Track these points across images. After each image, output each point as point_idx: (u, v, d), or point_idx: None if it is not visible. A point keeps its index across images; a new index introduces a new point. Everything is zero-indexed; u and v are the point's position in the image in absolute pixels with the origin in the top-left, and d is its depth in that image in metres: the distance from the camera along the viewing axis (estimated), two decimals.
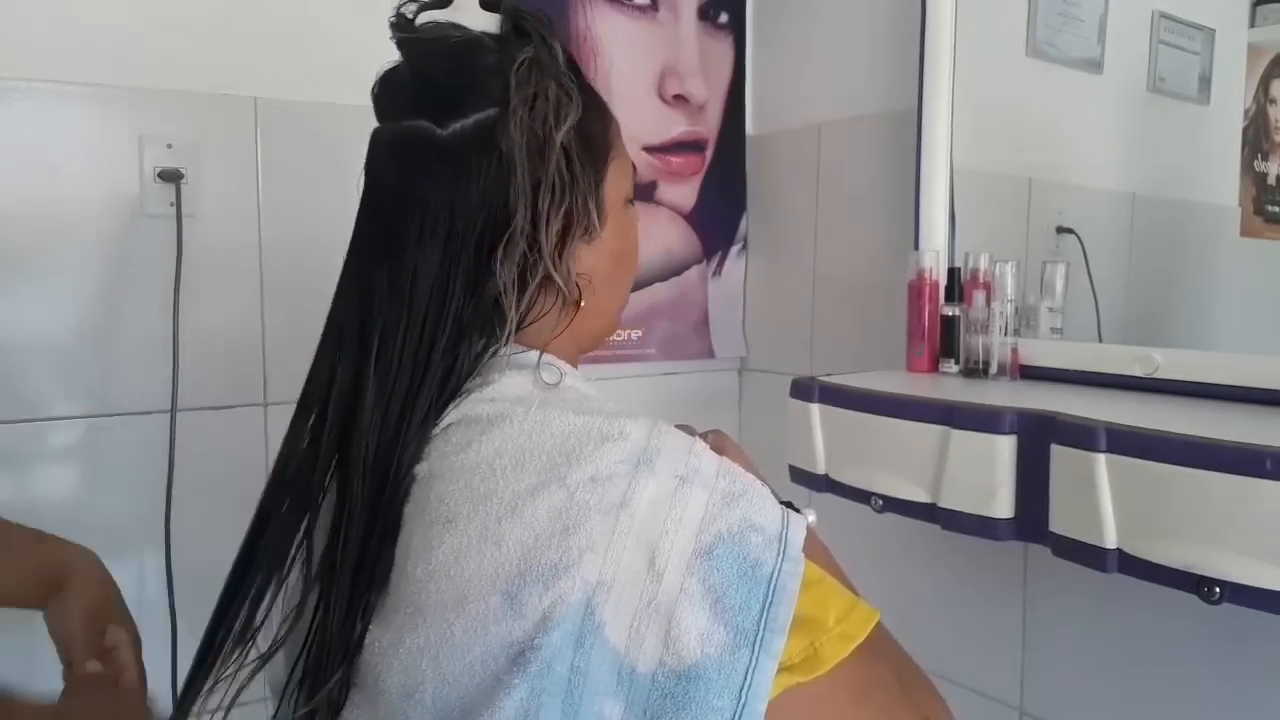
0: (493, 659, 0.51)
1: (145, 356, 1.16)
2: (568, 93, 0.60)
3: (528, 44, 0.61)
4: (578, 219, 0.61)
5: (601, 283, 0.66)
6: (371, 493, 0.58)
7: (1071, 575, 0.85)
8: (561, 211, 0.60)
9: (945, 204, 1.21)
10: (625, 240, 0.69)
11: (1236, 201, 1.08)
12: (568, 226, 0.61)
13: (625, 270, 0.70)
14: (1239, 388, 0.90)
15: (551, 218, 0.60)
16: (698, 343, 1.61)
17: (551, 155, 0.59)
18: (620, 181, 0.68)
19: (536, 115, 0.59)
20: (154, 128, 1.17)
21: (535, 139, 0.59)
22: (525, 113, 0.59)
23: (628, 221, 0.69)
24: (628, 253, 0.70)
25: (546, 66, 0.60)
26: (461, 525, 0.54)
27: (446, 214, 0.59)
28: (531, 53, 0.60)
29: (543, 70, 0.60)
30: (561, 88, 0.60)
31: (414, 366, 0.59)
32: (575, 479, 0.54)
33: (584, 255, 0.64)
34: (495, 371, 0.60)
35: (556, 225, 0.60)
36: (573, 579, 0.51)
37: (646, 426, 0.57)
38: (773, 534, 0.55)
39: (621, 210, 0.68)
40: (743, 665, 0.51)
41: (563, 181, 0.60)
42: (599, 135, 0.65)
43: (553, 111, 0.59)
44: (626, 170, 0.69)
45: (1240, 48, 1.10)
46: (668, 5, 1.53)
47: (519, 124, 0.59)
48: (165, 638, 1.14)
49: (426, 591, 0.53)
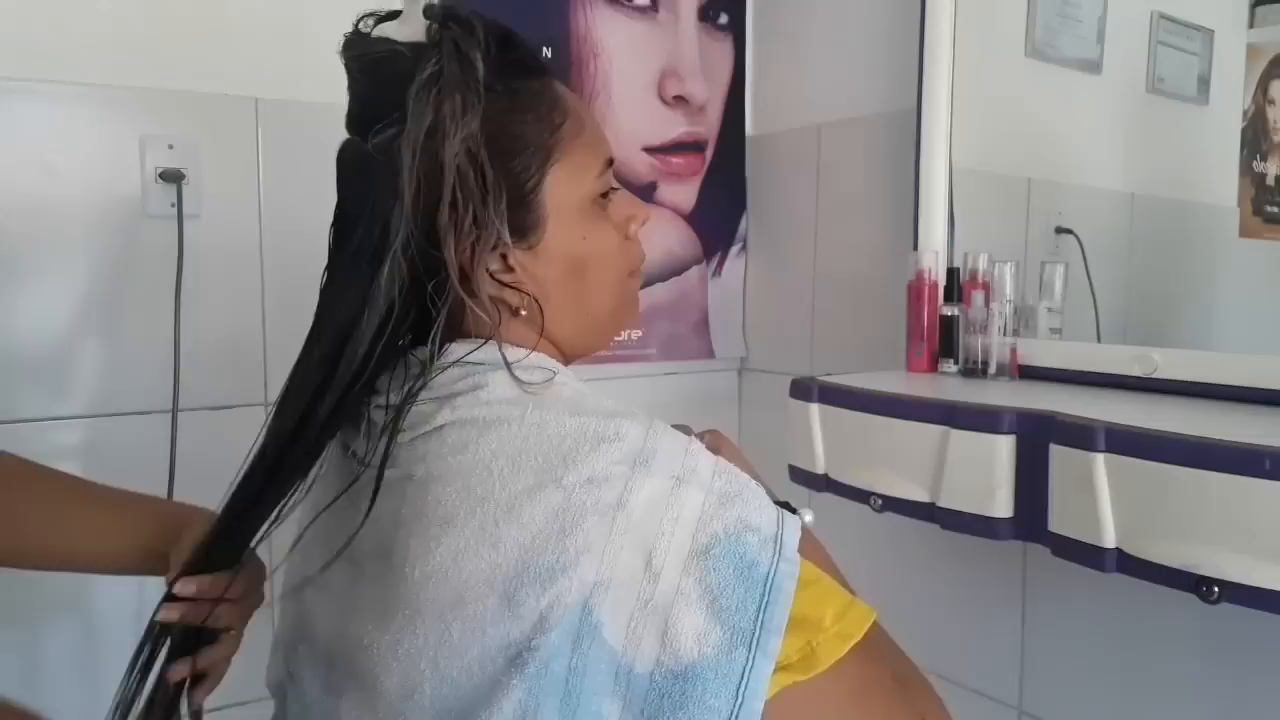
0: (490, 660, 0.51)
1: (146, 356, 1.16)
2: (467, 105, 0.59)
3: (435, 56, 0.59)
4: (485, 234, 0.60)
5: (557, 290, 0.64)
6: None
7: (1070, 575, 0.85)
8: (464, 228, 0.59)
9: (944, 204, 1.21)
10: (586, 245, 0.65)
11: (1235, 202, 1.09)
12: (475, 241, 0.60)
13: (593, 276, 0.66)
14: (1238, 387, 0.90)
15: (449, 235, 0.59)
16: (698, 343, 1.61)
17: (448, 173, 0.58)
18: (574, 184, 0.64)
19: (434, 133, 0.58)
20: (155, 128, 1.17)
21: (432, 157, 0.58)
22: (420, 131, 0.58)
23: (593, 223, 0.65)
24: (593, 258, 0.65)
25: (449, 79, 0.58)
26: (459, 527, 0.54)
27: (350, 223, 0.61)
28: (434, 67, 0.58)
29: (444, 83, 0.58)
30: (464, 101, 0.58)
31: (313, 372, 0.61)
32: (572, 480, 0.54)
33: (527, 263, 0.62)
34: (487, 375, 0.60)
35: (466, 242, 0.59)
36: (570, 580, 0.51)
37: (643, 427, 0.57)
38: (768, 534, 0.55)
39: (580, 213, 0.64)
40: (739, 665, 0.51)
41: (463, 196, 0.59)
42: (532, 138, 0.62)
43: (449, 127, 0.58)
44: (587, 169, 0.65)
45: (1239, 48, 1.10)
46: (668, 6, 1.53)
47: (412, 143, 0.58)
48: None
49: (424, 593, 0.53)
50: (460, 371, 0.60)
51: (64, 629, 1.14)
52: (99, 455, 1.15)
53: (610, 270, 0.67)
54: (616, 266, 0.68)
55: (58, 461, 1.14)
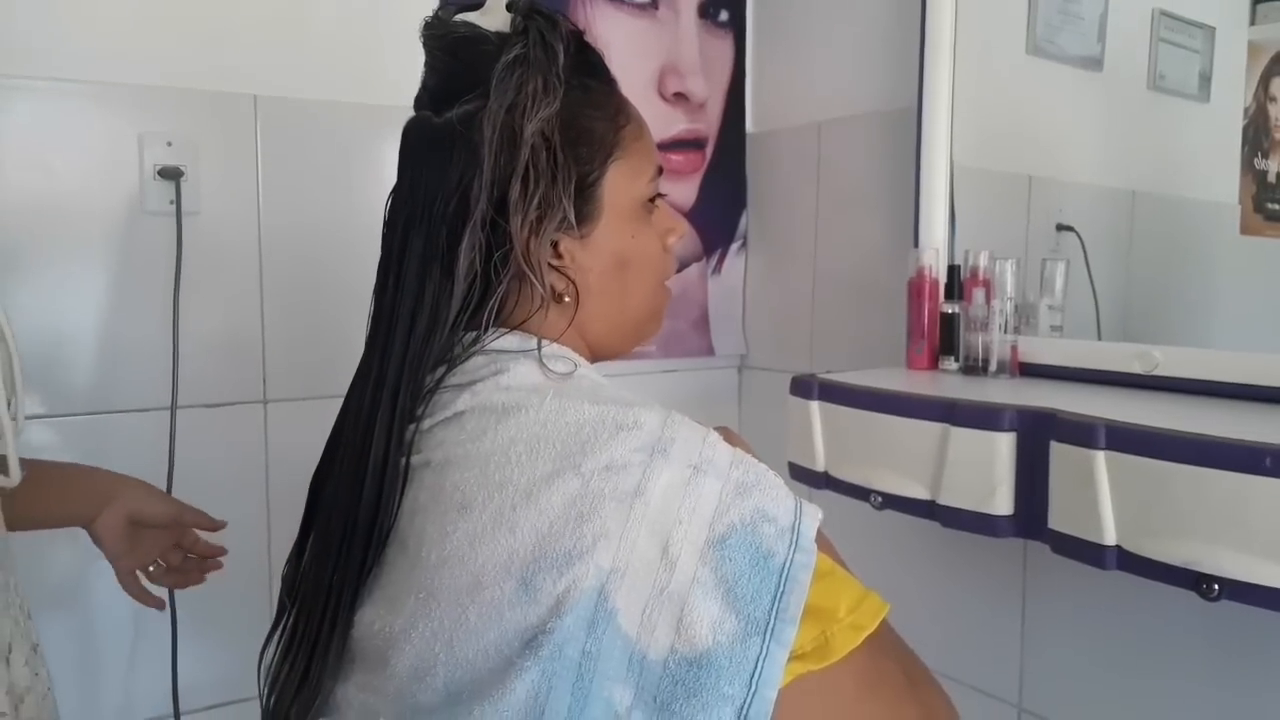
0: (506, 643, 0.52)
1: (145, 354, 1.16)
2: (548, 88, 0.61)
3: (522, 40, 0.61)
4: (551, 212, 0.62)
5: (600, 282, 0.65)
6: (350, 472, 0.60)
7: (1070, 572, 0.85)
8: (533, 203, 0.61)
9: (945, 202, 1.21)
10: (634, 244, 0.67)
11: (1236, 199, 1.08)
12: (541, 219, 0.61)
13: (635, 274, 0.68)
14: (1238, 385, 0.90)
15: (519, 208, 0.60)
16: (698, 340, 1.61)
17: (524, 147, 0.60)
18: (629, 183, 0.66)
19: (516, 109, 0.60)
20: (154, 125, 1.17)
21: (511, 132, 0.60)
22: (501, 107, 0.60)
23: (639, 226, 0.68)
24: (637, 258, 0.68)
25: (534, 62, 0.61)
26: (476, 512, 0.54)
27: (429, 198, 0.61)
28: (520, 50, 0.61)
29: (529, 66, 0.61)
30: (545, 84, 0.61)
31: (396, 350, 0.61)
32: (590, 467, 0.54)
33: (576, 252, 0.64)
34: (510, 361, 0.61)
35: (531, 216, 0.61)
36: (586, 565, 0.52)
37: (661, 416, 0.58)
38: (785, 525, 0.56)
39: (631, 213, 0.67)
40: (754, 654, 0.52)
41: (535, 173, 0.60)
42: (599, 134, 0.65)
43: (530, 105, 0.60)
44: (642, 173, 0.67)
45: (1240, 46, 1.10)
46: (668, 3, 1.53)
47: (493, 118, 0.59)
48: (165, 638, 1.14)
49: (440, 577, 0.54)
50: (485, 358, 0.61)
51: (64, 628, 1.14)
52: (97, 452, 1.15)
53: (651, 273, 0.70)
54: (656, 271, 0.71)
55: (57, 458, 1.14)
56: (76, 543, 1.13)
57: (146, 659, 1.18)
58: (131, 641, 1.18)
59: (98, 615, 1.16)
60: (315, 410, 1.32)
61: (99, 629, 1.16)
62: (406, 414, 0.60)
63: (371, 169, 1.26)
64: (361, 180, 1.26)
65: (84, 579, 1.14)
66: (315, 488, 0.67)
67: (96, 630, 1.16)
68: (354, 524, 0.59)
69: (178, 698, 1.16)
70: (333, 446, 0.65)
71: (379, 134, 1.22)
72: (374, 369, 0.61)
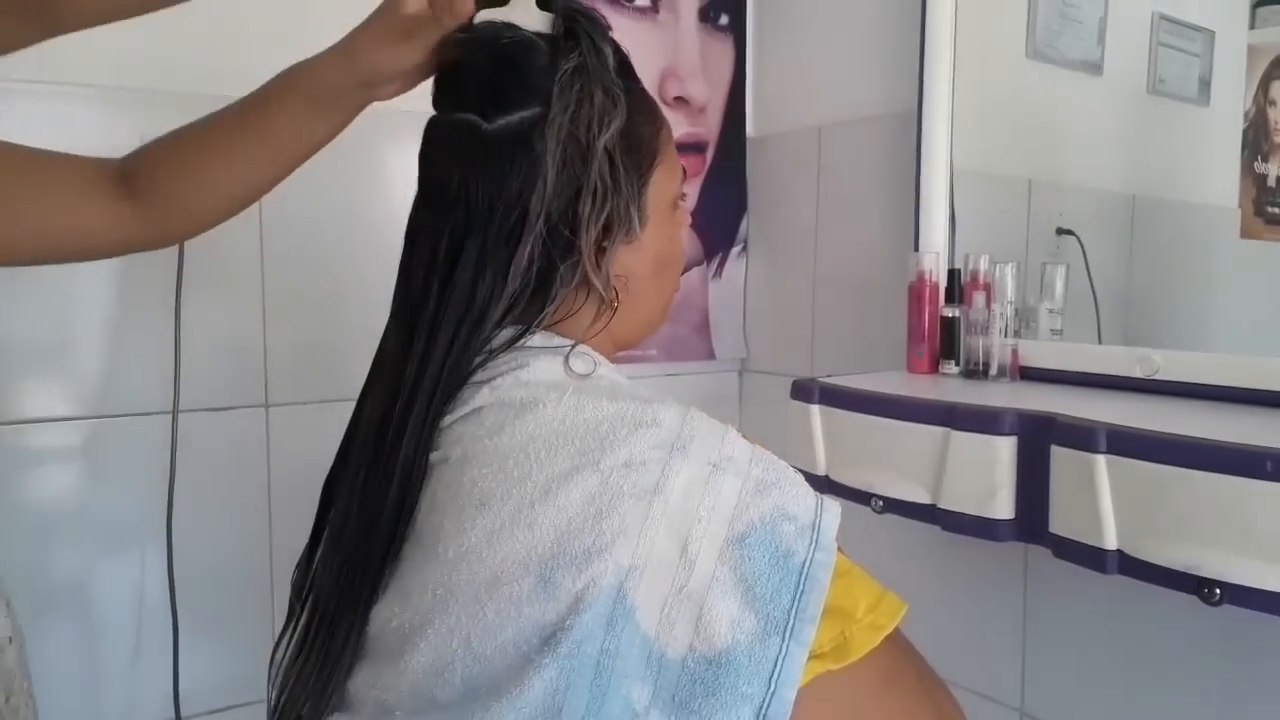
0: (525, 640, 0.52)
1: (147, 357, 1.16)
2: (613, 99, 0.61)
3: (576, 47, 0.61)
4: (619, 223, 0.62)
5: (640, 284, 0.66)
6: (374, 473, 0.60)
7: (1072, 576, 0.85)
8: (603, 216, 0.61)
9: (945, 205, 1.21)
10: (669, 244, 0.69)
11: (1236, 203, 1.08)
12: (608, 230, 0.62)
13: (667, 273, 0.70)
14: (1239, 389, 0.90)
15: (592, 222, 0.60)
16: (698, 344, 1.61)
17: (594, 161, 0.60)
18: (667, 184, 0.68)
19: (580, 121, 0.60)
20: (156, 129, 1.16)
21: (577, 144, 0.60)
22: (565, 119, 0.59)
23: (673, 225, 0.70)
24: (671, 256, 0.70)
25: (593, 71, 0.61)
26: (495, 508, 0.54)
27: (487, 205, 0.60)
28: (578, 59, 0.60)
29: (589, 75, 0.60)
30: (607, 94, 0.61)
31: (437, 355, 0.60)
32: (609, 464, 0.54)
33: (624, 257, 0.64)
34: (530, 356, 0.61)
35: (596, 229, 0.61)
36: (605, 563, 0.52)
37: (680, 413, 0.58)
38: (805, 523, 0.56)
39: (667, 213, 0.68)
40: (773, 653, 0.52)
41: (604, 186, 0.61)
42: (646, 139, 0.66)
43: (596, 118, 0.60)
44: (674, 173, 0.69)
45: (1240, 49, 1.10)
46: (668, 7, 1.53)
47: (558, 130, 0.59)
48: (166, 637, 1.15)
49: (458, 573, 0.54)
50: (508, 355, 0.61)
51: (64, 631, 1.14)
52: (100, 456, 1.15)
53: (678, 271, 0.72)
54: (680, 268, 0.73)
55: (58, 463, 1.15)
56: (77, 543, 1.14)
57: (148, 663, 1.18)
58: (133, 645, 1.18)
59: (98, 618, 1.16)
60: (317, 414, 1.33)
61: (100, 632, 1.16)
62: (439, 414, 0.60)
63: (374, 172, 1.26)
64: (364, 183, 1.26)
65: (84, 581, 1.14)
66: (328, 490, 0.67)
67: (97, 634, 1.16)
68: (376, 525, 0.59)
69: (179, 702, 1.16)
70: (346, 450, 0.65)
71: (381, 136, 1.22)
72: (410, 371, 0.60)
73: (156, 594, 1.16)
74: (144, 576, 1.17)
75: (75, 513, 1.14)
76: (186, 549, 1.15)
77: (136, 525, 1.15)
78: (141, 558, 1.17)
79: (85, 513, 1.14)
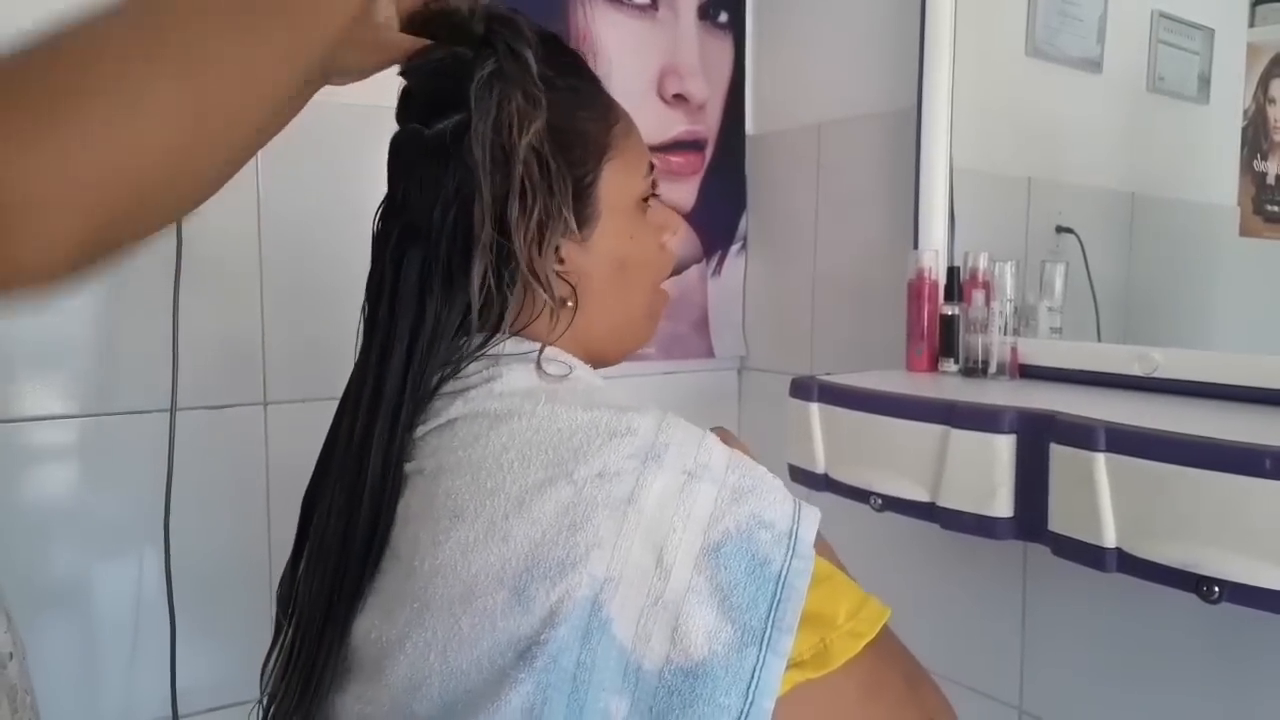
0: (500, 654, 0.51)
1: (145, 355, 1.16)
2: (533, 100, 0.60)
3: (493, 54, 0.60)
4: (551, 223, 0.61)
5: (600, 287, 0.65)
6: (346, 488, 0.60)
7: (1071, 574, 0.85)
8: (533, 217, 0.60)
9: (945, 203, 1.21)
10: (632, 245, 0.67)
11: (1236, 201, 1.09)
12: (543, 230, 0.61)
13: (635, 276, 0.68)
14: (1238, 387, 0.90)
15: (520, 224, 0.60)
16: (697, 342, 1.61)
17: (516, 164, 0.59)
18: (624, 181, 0.66)
19: (501, 125, 0.59)
20: None
21: (500, 149, 0.59)
22: (487, 125, 0.59)
23: (640, 225, 0.68)
24: (638, 259, 0.68)
25: (510, 75, 0.60)
26: (469, 520, 0.54)
27: (426, 210, 0.60)
28: (494, 64, 0.60)
29: (506, 80, 0.59)
30: (527, 96, 0.60)
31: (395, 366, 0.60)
32: (583, 475, 0.54)
33: (576, 258, 0.64)
34: (503, 366, 0.60)
35: (531, 230, 0.60)
36: (580, 575, 0.51)
37: (655, 420, 0.57)
38: (782, 530, 0.55)
39: (629, 212, 0.67)
40: (750, 663, 0.51)
41: (533, 186, 0.60)
42: (592, 135, 0.64)
43: (516, 120, 0.59)
44: (634, 169, 0.67)
45: (1239, 47, 1.10)
46: (667, 4, 1.53)
47: (481, 137, 0.59)
48: (163, 635, 1.14)
49: (433, 586, 0.53)
50: (479, 364, 0.61)
51: (62, 630, 1.14)
52: (97, 454, 1.15)
53: (649, 274, 0.70)
54: (654, 271, 0.70)
55: (55, 461, 1.14)
56: (73, 540, 1.14)
57: (145, 662, 1.17)
58: (130, 644, 1.18)
59: (95, 616, 1.16)
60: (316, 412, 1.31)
61: (97, 630, 1.16)
62: (405, 426, 0.59)
63: (372, 170, 1.25)
64: (361, 181, 1.25)
65: (81, 578, 1.14)
66: (307, 507, 0.66)
67: (94, 631, 1.16)
68: (351, 542, 0.59)
69: (176, 701, 1.16)
70: (324, 465, 0.65)
71: (379, 135, 1.21)
72: (369, 384, 0.60)
73: (154, 592, 1.16)
74: (141, 574, 1.17)
75: (72, 511, 1.14)
76: (184, 547, 1.15)
77: (134, 523, 1.15)
78: (139, 555, 1.17)
79: (82, 511, 1.14)
